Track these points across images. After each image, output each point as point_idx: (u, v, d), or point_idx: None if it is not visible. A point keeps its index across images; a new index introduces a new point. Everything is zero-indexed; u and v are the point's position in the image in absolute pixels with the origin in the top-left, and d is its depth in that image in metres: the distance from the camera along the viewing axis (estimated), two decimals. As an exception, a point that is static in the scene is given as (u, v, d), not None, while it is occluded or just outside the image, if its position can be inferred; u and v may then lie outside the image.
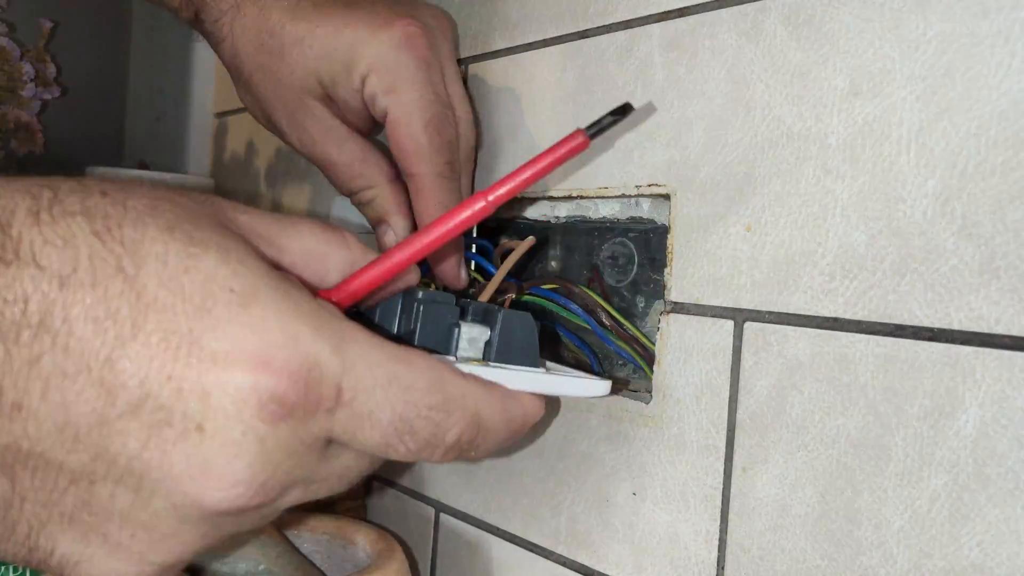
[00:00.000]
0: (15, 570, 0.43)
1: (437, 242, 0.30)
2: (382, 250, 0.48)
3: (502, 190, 0.30)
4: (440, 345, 0.33)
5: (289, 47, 0.43)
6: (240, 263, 0.24)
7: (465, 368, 0.30)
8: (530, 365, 0.34)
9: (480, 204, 0.30)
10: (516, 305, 0.44)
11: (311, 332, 0.23)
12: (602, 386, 0.35)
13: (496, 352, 0.34)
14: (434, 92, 0.43)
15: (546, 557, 0.45)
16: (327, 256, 0.30)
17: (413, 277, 0.34)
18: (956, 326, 0.29)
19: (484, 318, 0.35)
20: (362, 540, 0.45)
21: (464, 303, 0.37)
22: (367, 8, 0.43)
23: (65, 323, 0.21)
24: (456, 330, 0.33)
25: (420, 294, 0.34)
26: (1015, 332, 0.28)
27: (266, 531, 0.40)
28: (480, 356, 0.34)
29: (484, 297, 0.42)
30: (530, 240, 0.40)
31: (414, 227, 0.47)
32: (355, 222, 0.59)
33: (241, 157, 0.81)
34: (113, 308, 0.22)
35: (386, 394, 0.25)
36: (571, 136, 0.29)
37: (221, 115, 0.85)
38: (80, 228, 0.22)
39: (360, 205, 0.49)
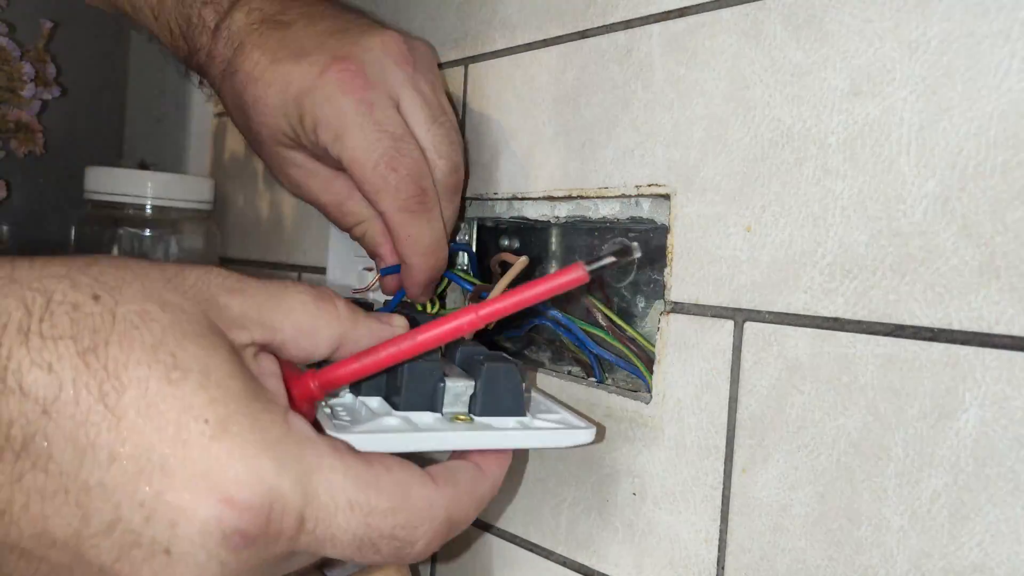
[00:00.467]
0: None
1: (423, 346, 0.32)
2: (382, 284, 0.49)
3: (492, 308, 0.32)
4: (426, 403, 0.34)
5: (252, 106, 0.45)
6: (218, 387, 0.25)
7: (453, 435, 0.33)
8: (515, 415, 0.35)
9: (469, 317, 0.32)
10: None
11: (275, 467, 0.25)
12: (586, 435, 0.36)
13: (481, 405, 0.35)
14: (379, 130, 0.42)
15: (546, 557, 0.45)
16: (317, 331, 0.31)
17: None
18: (956, 326, 0.29)
19: (468, 368, 0.36)
20: (362, 540, 0.45)
21: (451, 348, 0.38)
22: (314, 54, 0.43)
23: (47, 447, 0.23)
24: (441, 387, 0.34)
25: None
26: (1015, 332, 0.28)
27: None
28: (466, 410, 0.35)
29: (480, 321, 0.43)
30: (523, 260, 0.41)
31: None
32: (355, 222, 0.59)
33: (241, 157, 0.81)
34: (92, 436, 0.23)
35: (347, 519, 0.26)
36: (571, 268, 0.31)
37: (221, 115, 0.85)
38: (67, 350, 0.23)
39: (356, 239, 0.50)
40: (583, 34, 0.44)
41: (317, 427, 0.30)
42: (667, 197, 0.39)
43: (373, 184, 0.42)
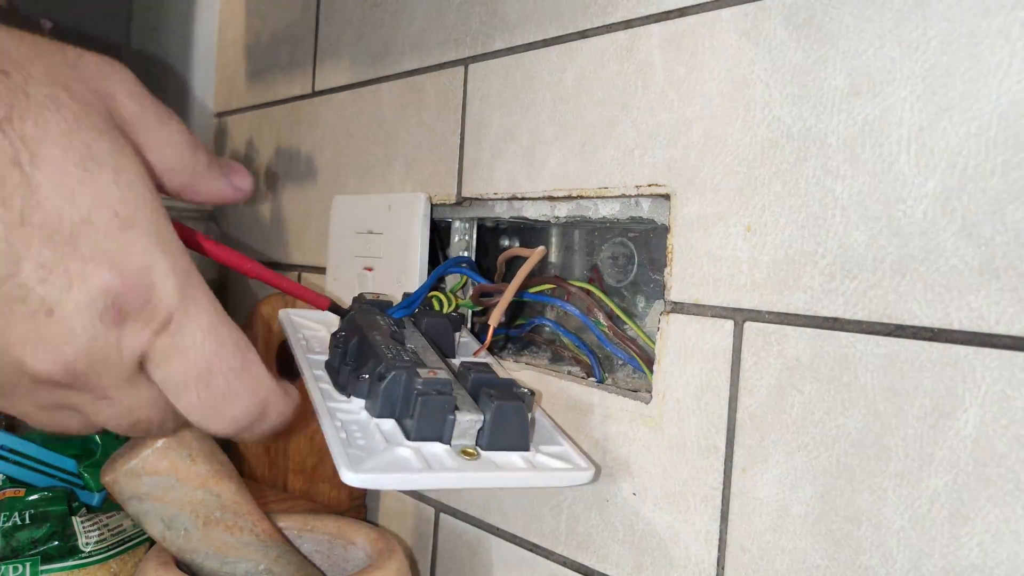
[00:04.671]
0: (15, 569, 0.43)
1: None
2: None
3: None
4: (435, 433, 0.36)
5: None
6: (129, 188, 0.27)
7: (465, 475, 0.34)
8: (520, 449, 0.37)
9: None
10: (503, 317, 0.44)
11: (167, 267, 0.27)
12: (585, 476, 0.37)
13: (488, 440, 0.36)
14: None
15: (546, 557, 0.45)
16: (181, 170, 0.32)
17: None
18: (956, 326, 0.29)
19: (477, 397, 0.37)
20: (362, 540, 0.45)
21: (464, 372, 0.39)
22: None
23: None
24: (451, 419, 0.36)
25: (420, 383, 0.36)
26: (1015, 332, 0.28)
27: (267, 532, 0.40)
28: (473, 442, 0.36)
29: (497, 313, 0.43)
30: (540, 250, 0.41)
31: None
32: (356, 223, 0.59)
33: (241, 157, 0.81)
34: (6, 195, 0.25)
35: (204, 339, 0.29)
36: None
37: (221, 115, 0.85)
38: None
39: None
40: (583, 34, 0.44)
41: None
42: (667, 197, 0.39)
43: None
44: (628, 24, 0.41)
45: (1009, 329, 0.28)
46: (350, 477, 0.32)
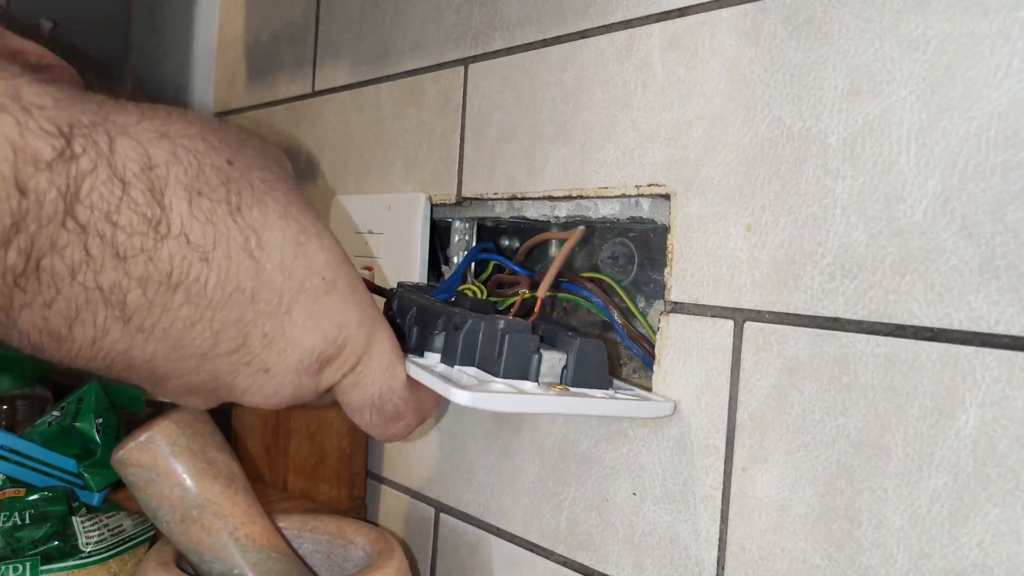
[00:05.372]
0: (15, 569, 0.43)
1: None
2: None
3: None
4: (521, 372, 0.37)
5: None
6: (330, 251, 0.31)
7: (561, 399, 0.35)
8: (602, 387, 0.38)
9: None
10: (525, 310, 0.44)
11: (359, 319, 0.32)
12: (666, 407, 0.38)
13: (573, 376, 0.37)
14: None
15: (546, 557, 0.45)
16: None
17: None
18: (956, 326, 0.29)
19: (557, 343, 0.38)
20: (362, 540, 0.45)
21: (537, 325, 0.39)
22: None
23: (199, 287, 0.28)
24: (537, 358, 0.37)
25: (502, 323, 0.37)
26: (1015, 332, 0.28)
27: (250, 536, 0.40)
28: (558, 380, 0.37)
29: (543, 290, 0.44)
30: (580, 230, 0.41)
31: None
32: (356, 223, 0.59)
33: (241, 157, 0.80)
34: (241, 281, 0.28)
35: (381, 376, 0.34)
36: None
37: (221, 115, 0.85)
38: (220, 206, 0.28)
39: None
40: (583, 34, 0.44)
41: None
42: (667, 197, 0.39)
43: None
44: (628, 24, 0.41)
45: (1009, 329, 0.28)
46: (462, 396, 0.32)
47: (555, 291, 0.47)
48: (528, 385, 0.36)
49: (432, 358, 0.38)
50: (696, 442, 0.38)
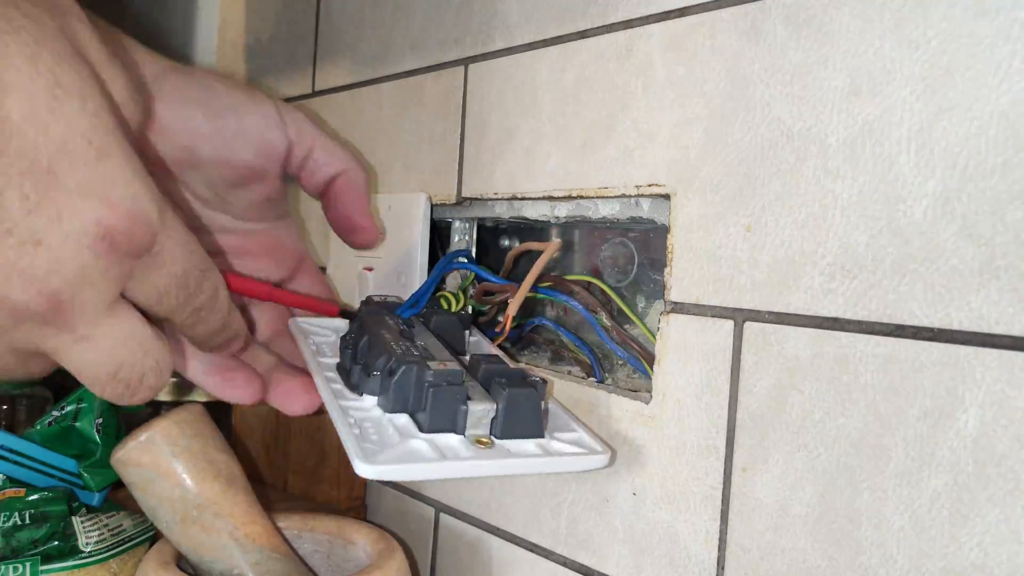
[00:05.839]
0: (15, 569, 0.43)
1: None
2: None
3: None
4: (448, 424, 0.36)
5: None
6: (96, 115, 0.26)
7: (481, 463, 0.34)
8: (534, 436, 0.37)
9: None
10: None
11: (147, 193, 0.28)
12: (601, 459, 0.37)
13: (502, 428, 0.36)
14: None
15: (546, 557, 0.45)
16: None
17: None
18: (956, 326, 0.29)
19: (489, 387, 0.37)
20: (362, 540, 0.45)
21: (475, 364, 0.39)
22: None
23: None
24: (464, 410, 0.36)
25: (430, 374, 0.36)
26: (1015, 332, 0.28)
27: (250, 536, 0.40)
28: (487, 432, 0.36)
29: (515, 305, 0.43)
30: (556, 243, 0.41)
31: None
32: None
33: (241, 157, 0.80)
34: None
35: (181, 251, 0.30)
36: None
37: (221, 115, 0.85)
38: None
39: None
40: (583, 34, 0.44)
41: None
42: (667, 197, 0.39)
43: None
44: (628, 24, 0.41)
45: (1009, 329, 0.28)
46: (364, 469, 0.32)
47: (534, 295, 0.46)
48: (453, 440, 0.35)
49: (369, 400, 0.38)
50: (696, 442, 0.38)
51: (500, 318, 0.44)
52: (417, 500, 0.55)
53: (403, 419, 0.37)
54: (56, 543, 0.45)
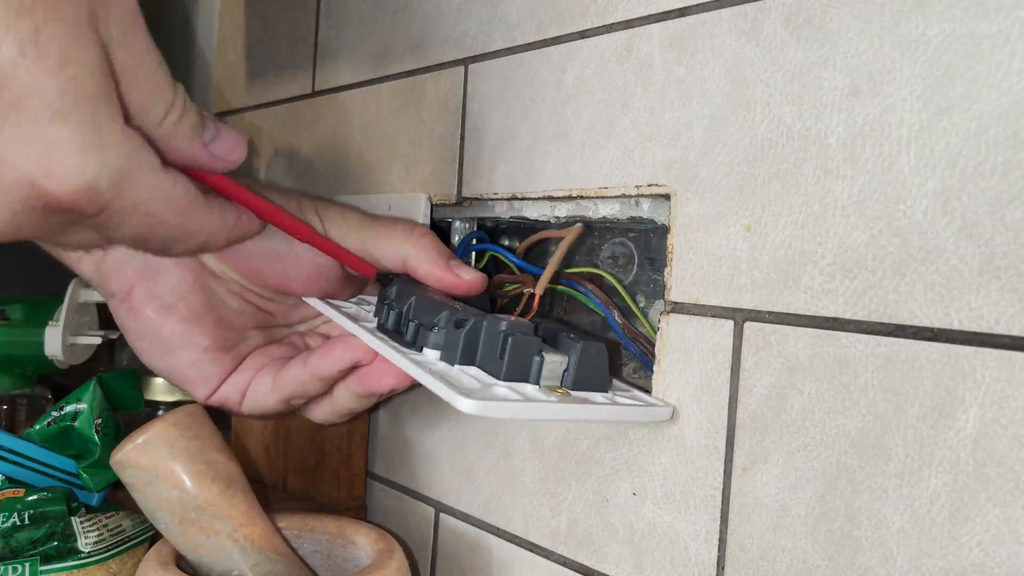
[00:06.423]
0: (14, 570, 0.43)
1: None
2: None
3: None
4: (523, 374, 0.36)
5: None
6: (72, 81, 0.26)
7: (546, 397, 0.34)
8: (602, 390, 0.37)
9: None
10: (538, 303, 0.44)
11: (98, 165, 0.27)
12: (664, 412, 0.38)
13: (573, 379, 0.37)
14: None
15: (546, 557, 0.45)
16: (143, 113, 0.31)
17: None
18: (956, 326, 0.29)
19: (558, 345, 0.38)
20: (362, 540, 0.45)
21: (538, 325, 0.39)
22: None
23: None
24: (539, 360, 0.36)
25: (504, 324, 0.36)
26: (1015, 332, 0.28)
27: (249, 538, 0.40)
28: (558, 383, 0.37)
29: (540, 287, 0.43)
30: (578, 227, 0.41)
31: None
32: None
33: (241, 157, 0.80)
34: None
35: (138, 221, 0.30)
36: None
37: (221, 115, 0.85)
38: None
39: None
40: (583, 34, 0.44)
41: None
42: (667, 197, 0.39)
43: None
44: (628, 24, 0.41)
45: (1009, 329, 0.28)
46: (467, 404, 0.32)
47: (555, 287, 0.46)
48: (529, 388, 0.35)
49: (430, 355, 0.38)
50: (696, 442, 0.38)
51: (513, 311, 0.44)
52: (417, 500, 0.55)
53: (474, 371, 0.37)
54: (55, 543, 0.45)
